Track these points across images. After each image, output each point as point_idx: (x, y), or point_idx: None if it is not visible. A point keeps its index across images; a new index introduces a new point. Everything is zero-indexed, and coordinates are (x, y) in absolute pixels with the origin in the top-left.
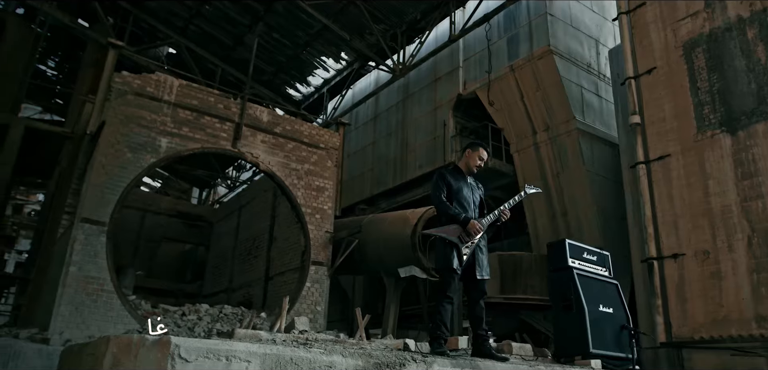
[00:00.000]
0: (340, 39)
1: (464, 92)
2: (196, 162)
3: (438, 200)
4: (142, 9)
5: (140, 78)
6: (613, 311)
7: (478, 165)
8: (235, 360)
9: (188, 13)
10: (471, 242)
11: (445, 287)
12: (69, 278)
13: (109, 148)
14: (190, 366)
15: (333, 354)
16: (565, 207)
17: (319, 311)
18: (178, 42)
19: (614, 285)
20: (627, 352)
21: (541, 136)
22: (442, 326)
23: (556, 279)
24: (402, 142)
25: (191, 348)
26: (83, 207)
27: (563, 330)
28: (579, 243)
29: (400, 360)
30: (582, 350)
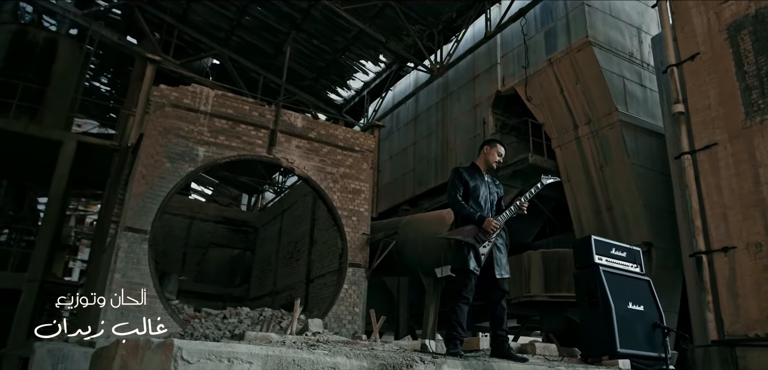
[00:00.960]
0: (377, 42)
1: (503, 89)
2: (243, 169)
3: (454, 200)
4: (185, 23)
5: (177, 90)
6: (645, 309)
7: (498, 161)
8: (236, 362)
9: (229, 25)
10: (488, 241)
11: (461, 288)
12: (114, 284)
13: (149, 159)
14: (192, 368)
15: (337, 355)
16: (610, 202)
17: (358, 312)
18: (220, 53)
19: (646, 282)
20: (660, 351)
21: (582, 129)
22: (458, 327)
23: (581, 277)
24: (442, 141)
25: (193, 350)
26: (126, 216)
27: (590, 329)
28: (607, 239)
29: (407, 361)
30: (609, 350)
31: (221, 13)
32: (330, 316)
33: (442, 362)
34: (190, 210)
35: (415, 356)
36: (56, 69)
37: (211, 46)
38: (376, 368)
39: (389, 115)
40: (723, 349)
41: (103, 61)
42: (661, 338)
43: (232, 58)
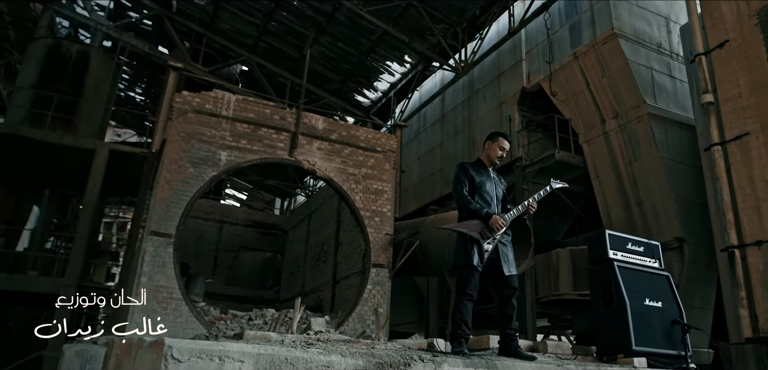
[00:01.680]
0: (401, 42)
1: (528, 85)
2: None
3: (459, 195)
4: (214, 31)
5: (199, 96)
6: (663, 305)
7: (500, 156)
8: (228, 360)
9: (256, 32)
10: (493, 238)
11: (465, 285)
12: (141, 287)
13: (173, 164)
14: (182, 366)
15: (331, 354)
16: (640, 197)
17: (382, 313)
18: (248, 59)
19: (665, 277)
20: (679, 349)
21: (610, 124)
22: (463, 325)
23: (595, 272)
24: (469, 140)
25: (183, 349)
26: (151, 221)
27: (604, 327)
28: (622, 234)
29: (405, 360)
30: (624, 348)
31: (248, 19)
32: (354, 316)
33: (443, 360)
34: (220, 214)
35: (414, 355)
36: (89, 80)
37: (239, 53)
38: (372, 366)
39: (416, 116)
40: (758, 347)
41: (137, 72)
42: (681, 336)
43: (260, 63)
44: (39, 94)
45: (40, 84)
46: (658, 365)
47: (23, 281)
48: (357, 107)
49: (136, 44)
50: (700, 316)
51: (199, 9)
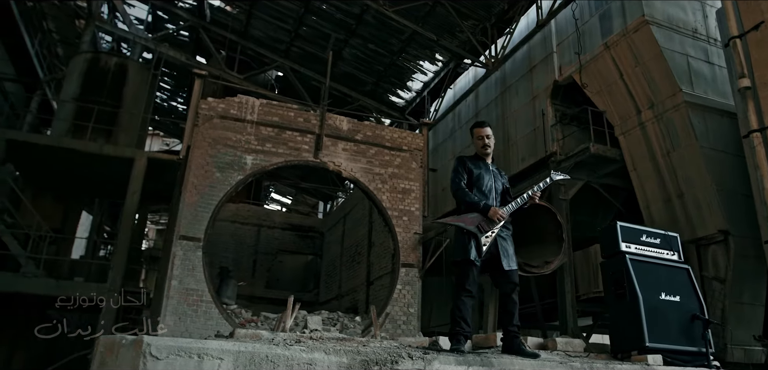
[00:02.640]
0: (431, 41)
1: (560, 78)
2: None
3: (457, 187)
4: (247, 38)
5: (224, 101)
6: (681, 299)
7: (483, 144)
8: (207, 358)
9: (288, 37)
10: (491, 232)
11: (463, 280)
12: (172, 290)
13: (199, 169)
14: (160, 364)
15: (314, 352)
16: (680, 189)
17: (413, 312)
18: (282, 65)
19: (684, 270)
20: (700, 345)
21: (645, 114)
22: (462, 322)
23: (608, 266)
24: (503, 136)
25: (162, 346)
26: (180, 225)
27: (618, 322)
28: (637, 226)
29: (393, 357)
30: (637, 345)
31: (279, 25)
32: (383, 316)
33: (433, 358)
34: (257, 218)
35: (403, 352)
36: (127, 91)
37: (273, 59)
38: (357, 364)
39: (451, 114)
40: None
41: (178, 82)
42: (701, 331)
43: (294, 68)
44: (81, 106)
45: (81, 97)
46: (676, 362)
47: (70, 286)
48: (392, 108)
49: (173, 55)
50: (749, 313)
51: (232, 17)
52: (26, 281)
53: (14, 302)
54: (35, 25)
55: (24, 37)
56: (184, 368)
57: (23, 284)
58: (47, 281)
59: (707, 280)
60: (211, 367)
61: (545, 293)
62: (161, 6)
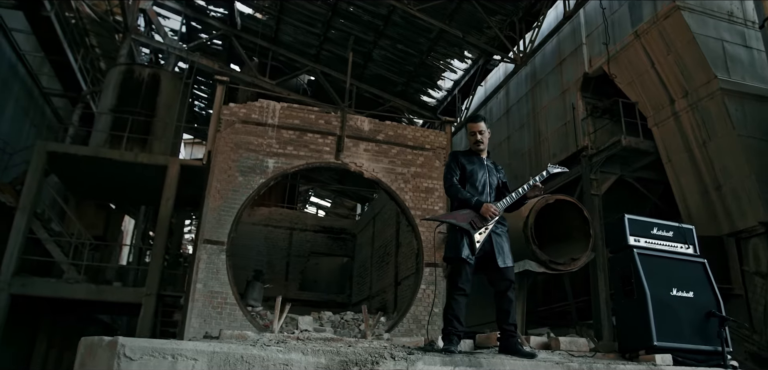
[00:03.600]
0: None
1: (590, 70)
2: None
3: (449, 184)
4: (278, 44)
5: (245, 106)
6: (695, 295)
7: (476, 140)
8: (181, 359)
9: (318, 41)
10: (485, 228)
11: (456, 279)
12: (197, 293)
13: (223, 173)
14: (134, 364)
15: (291, 352)
16: (718, 180)
17: (437, 312)
18: (313, 69)
19: (700, 264)
20: (715, 344)
21: (679, 103)
22: (455, 321)
23: (615, 262)
24: (534, 132)
25: (136, 347)
26: (204, 229)
27: (625, 320)
28: (648, 218)
29: (374, 358)
30: (645, 343)
31: (308, 30)
32: (408, 317)
33: (418, 358)
34: (289, 222)
35: (385, 353)
36: (160, 100)
37: (303, 63)
38: (336, 365)
39: (482, 111)
40: None
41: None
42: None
43: (324, 72)
44: (117, 116)
45: (117, 107)
46: (688, 362)
47: (109, 291)
48: (424, 108)
49: (206, 64)
50: None
51: (262, 24)
52: (69, 287)
53: (62, 306)
54: (77, 41)
55: (67, 54)
56: (157, 368)
57: (66, 290)
58: (88, 287)
59: (748, 275)
60: (185, 367)
61: (579, 291)
62: (194, 17)
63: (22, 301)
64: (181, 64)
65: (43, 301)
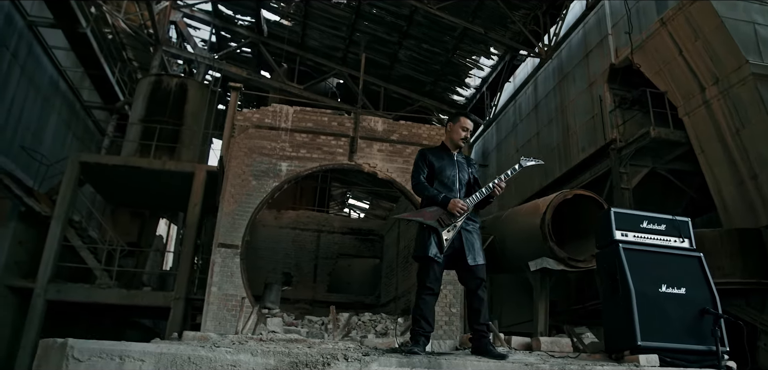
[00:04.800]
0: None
1: (617, 61)
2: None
3: (416, 182)
4: (305, 49)
5: (259, 111)
6: (688, 292)
7: (463, 137)
8: (128, 360)
9: (344, 44)
10: (453, 225)
11: (424, 277)
12: (212, 296)
13: (236, 178)
14: (82, 366)
15: (240, 353)
16: (754, 170)
17: (455, 312)
18: (340, 72)
19: (695, 259)
20: (709, 343)
21: (710, 91)
22: (422, 321)
23: (601, 257)
24: (563, 127)
25: (84, 349)
26: (219, 233)
27: (611, 319)
28: (637, 211)
29: (325, 359)
30: (629, 343)
31: (334, 33)
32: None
33: (372, 359)
34: (317, 224)
35: (338, 354)
36: (188, 109)
37: (331, 67)
38: (285, 366)
39: (513, 108)
40: None
41: (246, 97)
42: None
43: (352, 74)
44: (146, 126)
45: (146, 117)
46: (678, 362)
47: (139, 296)
48: (453, 106)
49: (236, 71)
50: None
51: (288, 30)
52: (101, 292)
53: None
54: (114, 55)
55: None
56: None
57: (99, 295)
58: (119, 291)
59: None
60: (133, 368)
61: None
62: (222, 26)
63: (59, 306)
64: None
65: (78, 306)
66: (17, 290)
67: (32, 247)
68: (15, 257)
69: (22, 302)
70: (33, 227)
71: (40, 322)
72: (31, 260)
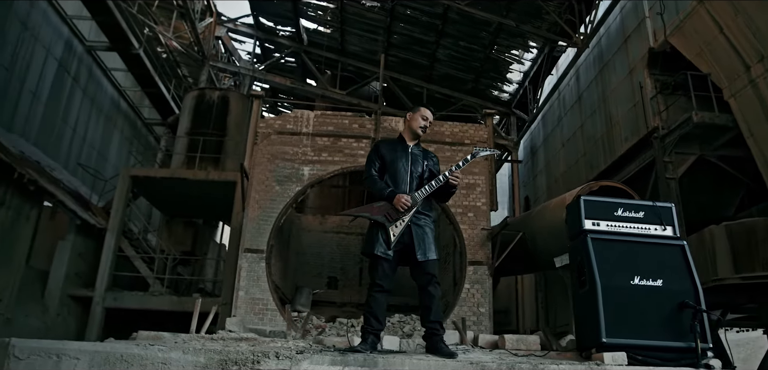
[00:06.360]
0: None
1: (656, 44)
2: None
3: (366, 176)
4: (346, 55)
5: (280, 118)
6: (665, 284)
7: (423, 126)
8: (64, 358)
9: (383, 48)
10: (401, 220)
11: (373, 274)
12: (239, 300)
13: (260, 184)
14: (22, 364)
15: (171, 351)
16: None
17: (483, 312)
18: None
19: (677, 248)
20: (688, 340)
21: (755, 69)
22: (371, 319)
23: (573, 250)
24: (606, 117)
25: (24, 348)
26: (244, 239)
27: (581, 315)
28: (612, 199)
29: (256, 356)
30: (595, 340)
31: (371, 37)
32: (452, 318)
33: (304, 357)
34: (361, 227)
35: (270, 351)
36: (230, 120)
37: (372, 71)
38: (215, 364)
39: (557, 100)
40: None
41: (294, 106)
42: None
43: (393, 77)
44: (192, 138)
45: (191, 130)
46: (651, 361)
47: (189, 302)
48: (497, 103)
49: (280, 81)
50: None
51: (327, 37)
52: (154, 299)
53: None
54: (169, 73)
55: (159, 85)
56: (43, 367)
57: (151, 302)
58: (170, 298)
59: None
60: (68, 366)
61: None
62: (265, 38)
63: (117, 313)
64: (257, 85)
65: (135, 312)
66: (79, 299)
67: (91, 258)
68: (75, 267)
69: (83, 310)
70: (90, 238)
71: (99, 329)
72: (90, 270)
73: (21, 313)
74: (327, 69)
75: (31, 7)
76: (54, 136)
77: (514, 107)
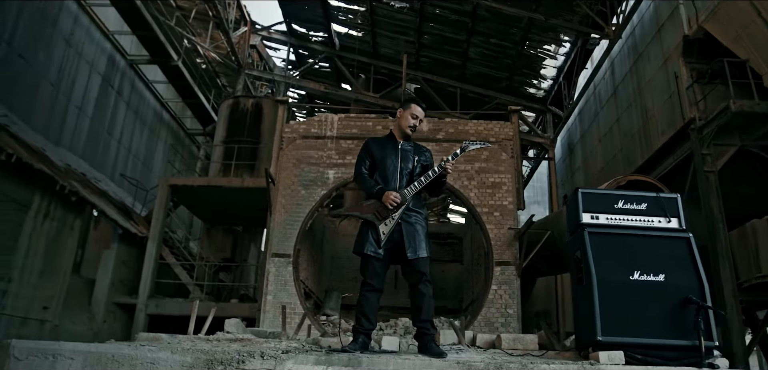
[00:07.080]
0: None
1: (691, 31)
2: None
3: (356, 174)
4: (378, 58)
5: (305, 122)
6: (668, 279)
7: (412, 125)
8: (60, 358)
9: (414, 49)
10: (391, 218)
11: (364, 273)
12: (267, 304)
13: (286, 189)
14: (21, 364)
15: (160, 351)
16: None
17: (511, 313)
18: (414, 77)
19: (683, 241)
20: (692, 338)
21: None
22: (362, 319)
23: (571, 245)
24: (641, 110)
25: (23, 348)
26: (271, 244)
27: (579, 313)
28: (612, 191)
29: (241, 356)
30: (591, 339)
31: (402, 39)
32: (480, 320)
33: (288, 357)
34: None
35: (255, 351)
36: (264, 127)
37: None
38: (201, 364)
39: (593, 95)
40: None
41: (330, 111)
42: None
43: (426, 78)
44: (227, 146)
45: (227, 138)
46: (652, 359)
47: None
48: (532, 100)
49: (314, 87)
50: None
51: (359, 41)
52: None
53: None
54: (208, 83)
55: (199, 96)
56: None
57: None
58: (209, 304)
59: None
60: (64, 366)
61: None
62: (298, 44)
63: (159, 319)
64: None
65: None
66: (123, 306)
67: (134, 266)
68: (120, 275)
69: (129, 317)
70: (133, 247)
71: None
72: (134, 277)
73: (68, 320)
74: (360, 73)
75: (74, 24)
76: (100, 148)
77: (550, 104)
